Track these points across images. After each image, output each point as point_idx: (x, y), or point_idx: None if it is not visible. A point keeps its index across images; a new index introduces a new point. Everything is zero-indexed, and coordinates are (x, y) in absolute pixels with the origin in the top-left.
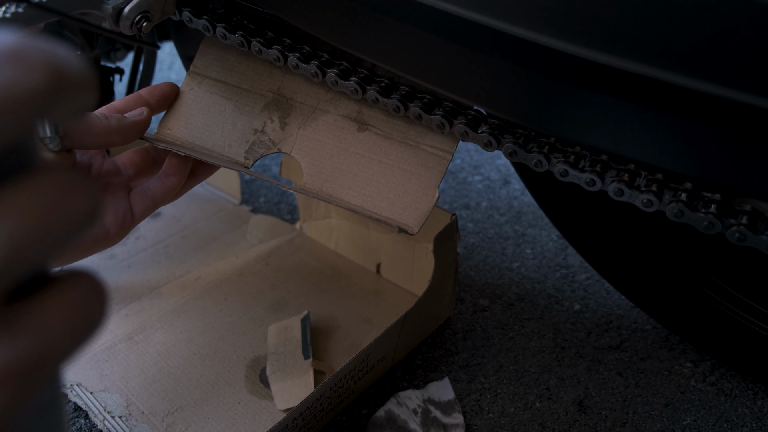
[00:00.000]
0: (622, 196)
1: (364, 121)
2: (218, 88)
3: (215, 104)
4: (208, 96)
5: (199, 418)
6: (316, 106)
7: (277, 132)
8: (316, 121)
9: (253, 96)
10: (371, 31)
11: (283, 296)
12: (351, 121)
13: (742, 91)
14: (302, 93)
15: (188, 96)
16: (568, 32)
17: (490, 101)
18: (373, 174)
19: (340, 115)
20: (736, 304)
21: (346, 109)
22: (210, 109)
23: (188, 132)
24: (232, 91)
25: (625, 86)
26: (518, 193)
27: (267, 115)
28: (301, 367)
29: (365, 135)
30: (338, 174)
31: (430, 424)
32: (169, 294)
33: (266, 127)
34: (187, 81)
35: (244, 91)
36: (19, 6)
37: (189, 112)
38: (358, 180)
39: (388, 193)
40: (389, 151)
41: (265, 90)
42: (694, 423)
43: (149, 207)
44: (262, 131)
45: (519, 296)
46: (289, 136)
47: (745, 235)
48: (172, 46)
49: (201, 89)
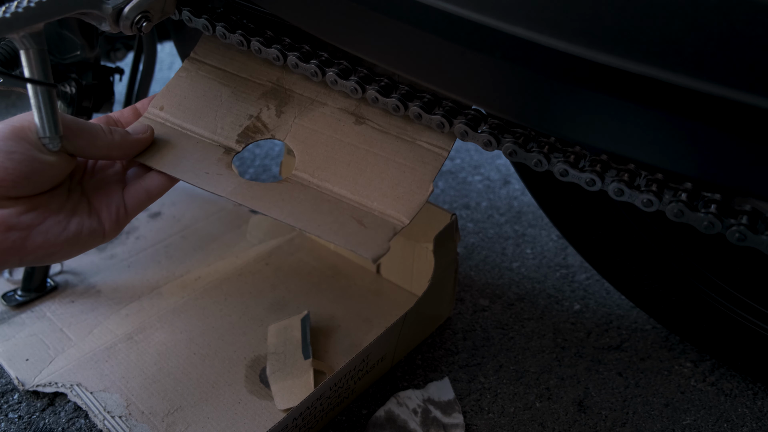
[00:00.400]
0: (622, 195)
1: (362, 115)
2: (216, 75)
3: (212, 89)
4: (205, 81)
5: (199, 418)
6: (314, 98)
7: (272, 119)
8: (313, 111)
9: (251, 84)
10: (371, 31)
11: (283, 296)
12: (348, 114)
13: (743, 91)
14: (301, 85)
15: (185, 79)
16: (568, 32)
17: (489, 101)
18: (367, 165)
19: (338, 108)
20: (736, 304)
21: (344, 103)
22: (206, 93)
23: (180, 113)
24: (231, 78)
25: (625, 86)
26: (518, 193)
27: (264, 102)
28: (301, 367)
29: (362, 128)
30: (331, 162)
31: (430, 424)
32: (169, 294)
33: (262, 113)
34: (186, 65)
35: (242, 79)
36: (19, 6)
37: (183, 94)
38: (351, 169)
39: (380, 184)
40: (385, 144)
41: (264, 80)
42: (694, 423)
43: (143, 201)
44: (257, 117)
45: (519, 296)
46: (285, 123)
47: (745, 235)
48: (172, 46)
49: (199, 74)
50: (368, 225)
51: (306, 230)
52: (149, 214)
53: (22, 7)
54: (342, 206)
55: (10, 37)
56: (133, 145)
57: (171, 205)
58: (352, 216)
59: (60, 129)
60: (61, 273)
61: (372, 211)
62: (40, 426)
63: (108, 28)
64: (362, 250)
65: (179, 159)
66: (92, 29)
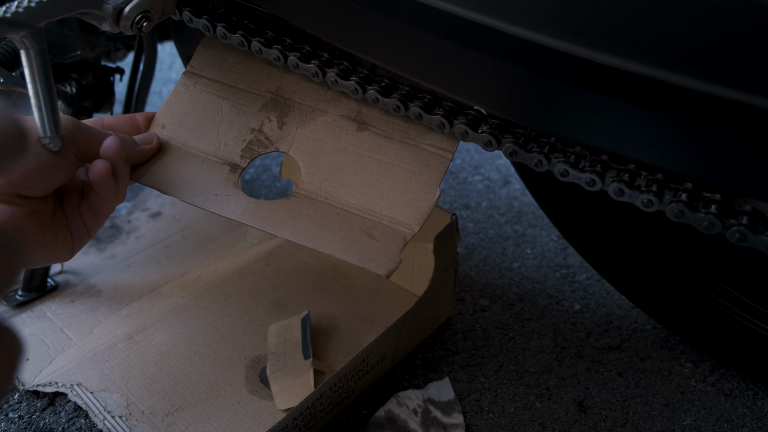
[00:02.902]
0: (623, 196)
1: (364, 121)
2: (215, 88)
3: (211, 104)
4: (204, 95)
5: (199, 418)
6: (314, 106)
7: (275, 131)
8: (314, 120)
9: (250, 96)
10: (371, 32)
11: (283, 296)
12: (350, 121)
13: (743, 91)
14: (301, 93)
15: (184, 95)
16: (568, 32)
17: (490, 101)
18: (373, 173)
19: (339, 115)
20: (736, 304)
21: (345, 109)
22: (206, 108)
23: (182, 131)
24: (229, 91)
25: (626, 86)
26: (518, 193)
27: (265, 115)
28: (301, 367)
29: (365, 134)
30: (337, 173)
31: (430, 424)
32: (169, 294)
33: (264, 126)
34: (183, 80)
35: (241, 91)
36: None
37: (184, 110)
38: (357, 179)
39: (388, 192)
40: (389, 150)
41: (263, 90)
42: (694, 423)
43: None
44: (259, 130)
45: (519, 296)
46: (287, 135)
47: (746, 236)
48: (172, 46)
49: (197, 89)
50: (378, 238)
51: (318, 249)
52: (149, 214)
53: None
54: (351, 219)
55: (11, 36)
56: (140, 156)
57: (171, 205)
58: (362, 229)
59: (60, 129)
60: (62, 273)
61: (381, 220)
62: (40, 426)
63: (108, 27)
64: (374, 266)
65: (187, 182)
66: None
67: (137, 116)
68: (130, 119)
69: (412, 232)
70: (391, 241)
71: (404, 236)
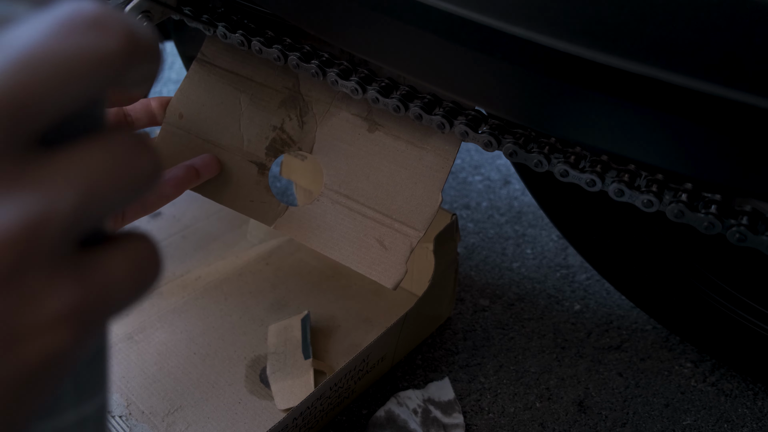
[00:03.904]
0: (623, 196)
1: (375, 121)
2: (230, 79)
3: (229, 95)
4: (220, 86)
5: (199, 418)
6: (330, 103)
7: (296, 130)
8: (330, 120)
9: (268, 91)
10: (371, 32)
11: (283, 296)
12: (362, 120)
13: (743, 91)
14: (316, 90)
15: (198, 83)
16: (568, 32)
17: (490, 101)
18: (383, 176)
19: (352, 113)
20: (736, 304)
21: (357, 108)
22: (224, 100)
23: (202, 122)
24: (246, 84)
25: (626, 86)
26: (518, 193)
27: (285, 112)
28: (301, 367)
29: (375, 135)
30: (353, 177)
31: (430, 424)
32: (169, 294)
33: (285, 124)
34: (195, 68)
35: (258, 85)
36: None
37: (201, 101)
38: (370, 182)
39: (396, 197)
40: (397, 153)
41: (280, 86)
42: (694, 423)
43: (138, 213)
44: (281, 128)
45: (519, 296)
46: (308, 134)
47: (746, 236)
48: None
49: (211, 78)
50: (388, 246)
51: (338, 260)
52: (149, 214)
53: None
54: (366, 226)
55: None
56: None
57: (171, 204)
58: (375, 237)
59: None
60: None
61: (392, 226)
62: None
63: None
64: (384, 279)
65: (222, 184)
66: None
67: (151, 101)
68: (143, 105)
69: (418, 238)
70: (399, 249)
71: (411, 243)
